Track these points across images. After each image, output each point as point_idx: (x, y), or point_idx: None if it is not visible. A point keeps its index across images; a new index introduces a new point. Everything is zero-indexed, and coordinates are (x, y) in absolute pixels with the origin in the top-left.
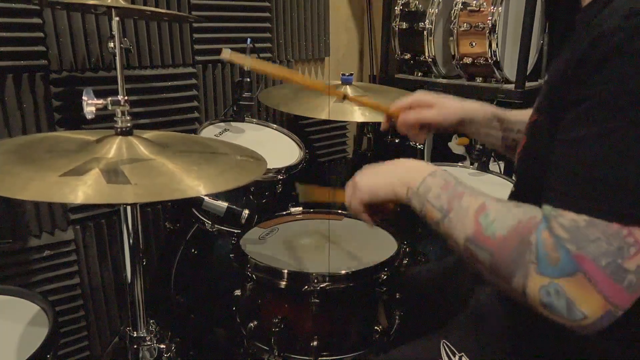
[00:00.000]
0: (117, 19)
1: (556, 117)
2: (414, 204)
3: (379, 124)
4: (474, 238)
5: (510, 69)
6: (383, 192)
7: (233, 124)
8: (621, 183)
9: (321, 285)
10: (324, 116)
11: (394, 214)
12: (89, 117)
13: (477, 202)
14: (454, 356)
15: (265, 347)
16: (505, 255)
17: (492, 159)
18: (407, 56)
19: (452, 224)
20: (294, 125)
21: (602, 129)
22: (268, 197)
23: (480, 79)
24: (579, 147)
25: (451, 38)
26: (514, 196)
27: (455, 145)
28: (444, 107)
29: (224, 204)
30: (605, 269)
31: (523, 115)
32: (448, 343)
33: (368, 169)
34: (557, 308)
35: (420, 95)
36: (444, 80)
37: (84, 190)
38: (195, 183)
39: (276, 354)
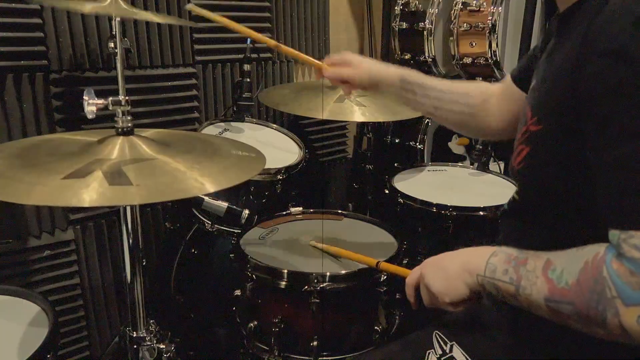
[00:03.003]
0: (118, 19)
1: (567, 128)
2: (487, 289)
3: (379, 124)
4: (551, 295)
5: (510, 69)
6: (458, 290)
7: (233, 124)
8: None
9: (321, 285)
10: (324, 116)
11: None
12: (89, 117)
13: (541, 261)
14: (446, 345)
15: (265, 347)
16: (585, 300)
17: (492, 159)
18: (407, 56)
19: (527, 291)
20: (294, 125)
21: None
22: (268, 197)
23: (480, 79)
24: (628, 163)
25: (451, 38)
26: (517, 205)
27: (455, 145)
28: (358, 67)
29: (224, 204)
30: None
31: (442, 84)
32: (440, 333)
33: (433, 269)
34: None
35: (344, 55)
36: None
37: (88, 193)
38: (198, 181)
39: (276, 354)
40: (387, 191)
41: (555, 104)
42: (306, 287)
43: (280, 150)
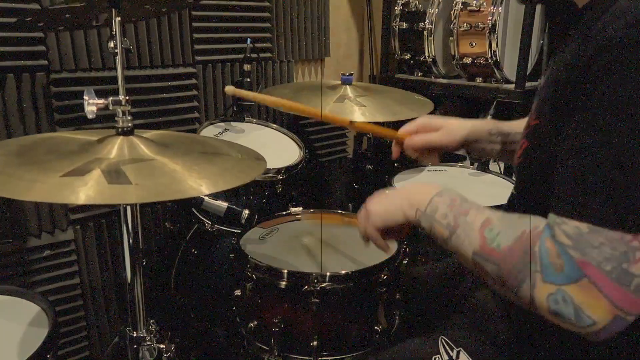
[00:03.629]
0: (118, 19)
1: (559, 123)
2: (423, 224)
3: (378, 124)
4: (481, 251)
5: (510, 69)
6: (394, 216)
7: (233, 124)
8: (624, 191)
9: (321, 285)
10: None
11: (407, 236)
12: (90, 116)
13: (482, 217)
14: (452, 351)
15: (265, 347)
16: (511, 265)
17: (492, 159)
18: (407, 56)
19: (460, 239)
20: (294, 125)
21: (605, 137)
22: (268, 197)
23: (480, 79)
24: (582, 155)
25: (451, 38)
26: (515, 199)
27: None
28: (449, 129)
29: (224, 204)
30: (610, 273)
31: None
32: (446, 338)
33: (378, 195)
34: (566, 315)
35: (426, 119)
36: (444, 80)
37: (86, 191)
38: (196, 183)
39: (276, 354)
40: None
41: (550, 98)
42: (306, 287)
43: (280, 150)
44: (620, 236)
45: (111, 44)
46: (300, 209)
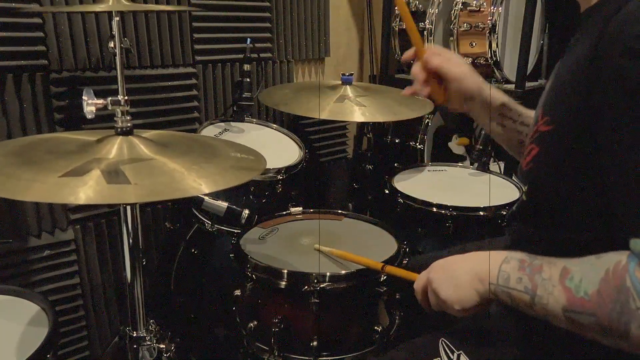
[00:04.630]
0: (118, 18)
1: (579, 129)
2: (500, 298)
3: (379, 124)
4: (570, 306)
5: (510, 69)
6: (469, 298)
7: (233, 124)
8: None
9: (321, 285)
10: (324, 116)
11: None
12: (89, 117)
13: (558, 269)
14: (452, 354)
15: (265, 347)
16: (607, 311)
17: (492, 159)
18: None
19: (544, 300)
20: (294, 125)
21: None
22: (268, 197)
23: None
24: None
25: (451, 38)
26: (526, 206)
27: (455, 145)
28: (470, 71)
29: (224, 204)
30: None
31: (529, 112)
32: (446, 341)
33: (442, 275)
34: None
35: (453, 54)
36: None
37: (85, 191)
38: (196, 182)
39: (276, 354)
40: (387, 191)
41: (568, 104)
42: (306, 287)
43: (280, 150)
44: None
45: (111, 44)
46: (300, 209)
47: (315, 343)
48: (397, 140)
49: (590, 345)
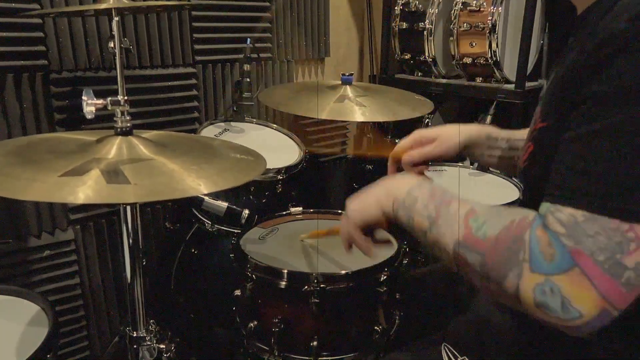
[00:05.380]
0: (117, 18)
1: (562, 121)
2: (400, 215)
3: (379, 124)
4: (464, 241)
5: (510, 69)
6: (371, 211)
7: (233, 124)
8: (622, 179)
9: (321, 285)
10: (323, 116)
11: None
12: (88, 117)
13: (466, 207)
14: (456, 359)
15: (265, 347)
16: (497, 255)
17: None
18: (407, 56)
19: (441, 230)
20: (294, 125)
21: (602, 125)
22: (268, 197)
23: (480, 79)
24: (579, 143)
25: (451, 38)
26: (523, 205)
27: None
28: (444, 138)
29: (224, 204)
30: (603, 264)
31: (523, 133)
32: (449, 346)
33: (357, 195)
34: (552, 307)
35: (419, 133)
36: (444, 80)
37: (84, 190)
38: (195, 182)
39: (276, 354)
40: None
41: (558, 100)
42: (306, 287)
43: (280, 150)
44: (617, 225)
45: (111, 44)
46: (300, 209)
47: (315, 343)
48: (397, 140)
49: (592, 351)
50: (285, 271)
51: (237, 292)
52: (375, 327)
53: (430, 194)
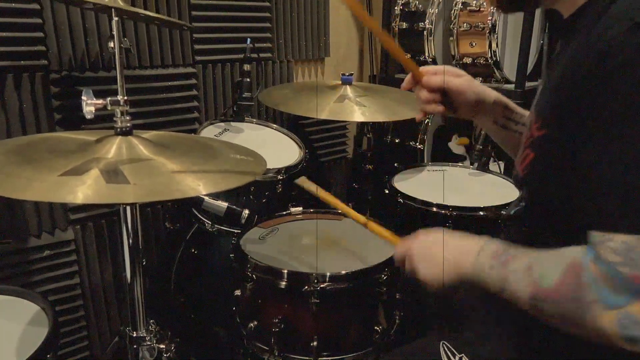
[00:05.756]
0: (117, 19)
1: (570, 133)
2: (475, 282)
3: (379, 124)
4: (535, 295)
5: (510, 69)
6: (450, 277)
7: (233, 124)
8: None
9: (321, 285)
10: (323, 116)
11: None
12: (88, 117)
13: (525, 260)
14: (454, 357)
15: (265, 347)
16: (566, 302)
17: (492, 159)
18: (407, 56)
19: (512, 289)
20: (294, 125)
21: (630, 143)
22: (268, 197)
23: (480, 79)
24: (616, 166)
25: (451, 38)
26: (525, 213)
27: (455, 145)
28: (469, 80)
29: (224, 204)
30: None
31: (527, 112)
32: (448, 344)
33: (423, 254)
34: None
35: (448, 66)
36: None
37: (83, 190)
38: (195, 183)
39: (276, 354)
40: (387, 191)
41: (558, 108)
42: (306, 287)
43: (280, 150)
44: None
45: (111, 44)
46: (300, 209)
47: (315, 343)
48: (397, 140)
49: (589, 347)
50: (285, 271)
51: (237, 292)
52: (375, 327)
53: (493, 256)
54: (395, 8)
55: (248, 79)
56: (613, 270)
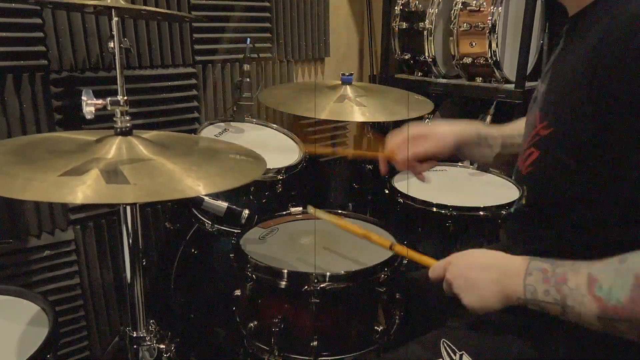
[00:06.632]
0: (117, 19)
1: (580, 133)
2: (530, 306)
3: (379, 124)
4: (603, 313)
5: (510, 69)
6: (494, 309)
7: (233, 124)
8: None
9: (321, 285)
10: (323, 116)
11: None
12: (88, 117)
13: (583, 277)
14: (455, 355)
15: (265, 347)
16: None
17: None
18: (407, 56)
19: (575, 309)
20: (294, 125)
21: None
22: (268, 197)
23: (480, 79)
24: None
25: (451, 38)
26: (526, 211)
27: None
28: (438, 136)
29: (224, 204)
30: None
31: (516, 126)
32: (448, 342)
33: (463, 280)
34: None
35: (412, 129)
36: (444, 80)
37: (83, 190)
38: (194, 183)
39: (276, 354)
40: (387, 191)
41: (569, 109)
42: (306, 287)
43: (280, 150)
44: None
45: (111, 44)
46: (300, 209)
47: (315, 343)
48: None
49: (592, 342)
50: (285, 271)
51: (237, 292)
52: (375, 327)
53: (543, 277)
54: (395, 8)
55: (248, 79)
56: None
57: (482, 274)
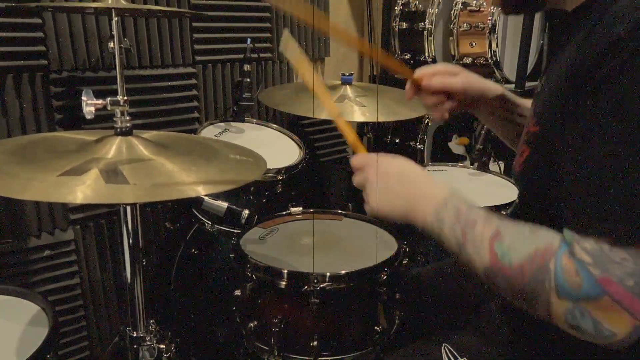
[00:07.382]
0: (117, 19)
1: (559, 128)
2: (430, 234)
3: (379, 124)
4: (491, 267)
5: (510, 69)
6: (395, 218)
7: (233, 124)
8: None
9: (321, 285)
10: (323, 116)
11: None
12: (88, 117)
13: (490, 229)
14: None
15: (265, 347)
16: (523, 282)
17: (492, 159)
18: (407, 56)
19: (469, 254)
20: (294, 125)
21: (621, 147)
22: (268, 197)
23: None
24: (598, 167)
25: (451, 38)
26: (520, 211)
27: (455, 145)
28: (469, 76)
29: (224, 204)
30: (633, 288)
31: (526, 102)
32: (449, 347)
33: (381, 184)
34: (584, 328)
35: (445, 64)
36: None
37: (83, 190)
38: (194, 183)
39: (276, 354)
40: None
41: (551, 104)
42: (306, 287)
43: (280, 150)
44: None
45: (111, 44)
46: (300, 209)
47: (315, 343)
48: (397, 140)
49: (590, 350)
50: (285, 271)
51: (237, 292)
52: (375, 327)
53: (456, 215)
54: (395, 8)
55: (248, 79)
56: (584, 269)
57: (401, 186)
